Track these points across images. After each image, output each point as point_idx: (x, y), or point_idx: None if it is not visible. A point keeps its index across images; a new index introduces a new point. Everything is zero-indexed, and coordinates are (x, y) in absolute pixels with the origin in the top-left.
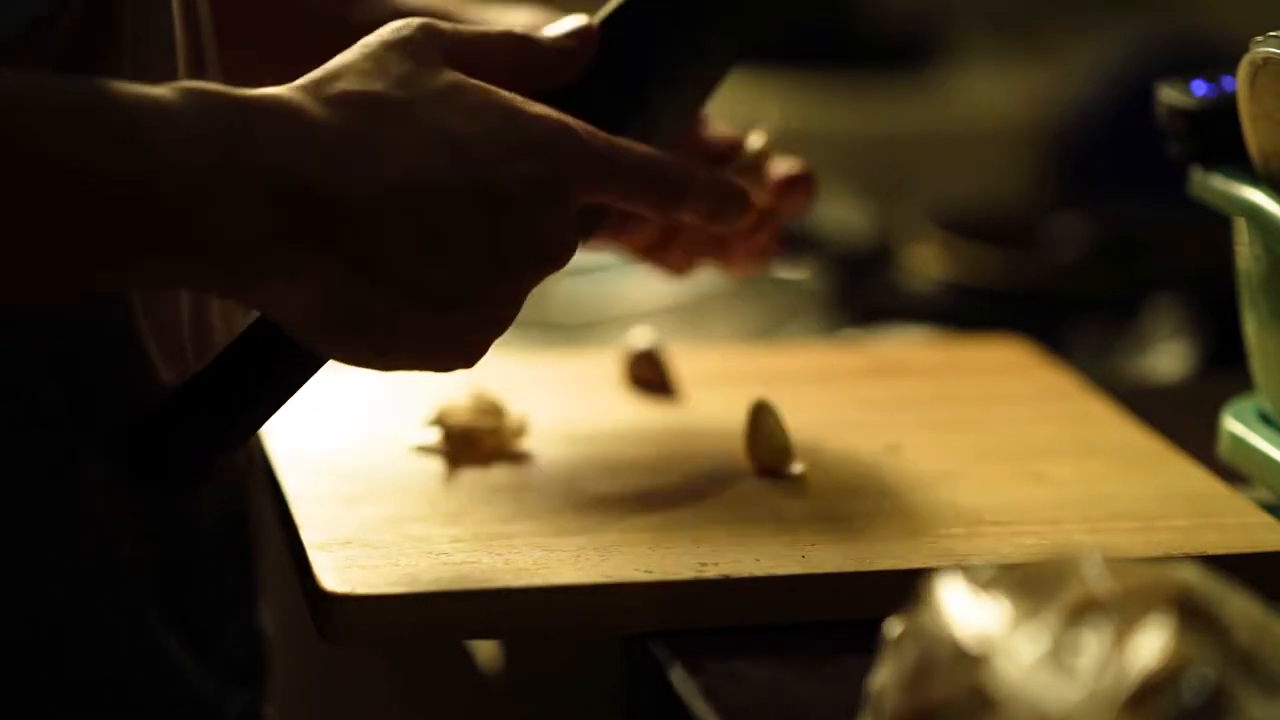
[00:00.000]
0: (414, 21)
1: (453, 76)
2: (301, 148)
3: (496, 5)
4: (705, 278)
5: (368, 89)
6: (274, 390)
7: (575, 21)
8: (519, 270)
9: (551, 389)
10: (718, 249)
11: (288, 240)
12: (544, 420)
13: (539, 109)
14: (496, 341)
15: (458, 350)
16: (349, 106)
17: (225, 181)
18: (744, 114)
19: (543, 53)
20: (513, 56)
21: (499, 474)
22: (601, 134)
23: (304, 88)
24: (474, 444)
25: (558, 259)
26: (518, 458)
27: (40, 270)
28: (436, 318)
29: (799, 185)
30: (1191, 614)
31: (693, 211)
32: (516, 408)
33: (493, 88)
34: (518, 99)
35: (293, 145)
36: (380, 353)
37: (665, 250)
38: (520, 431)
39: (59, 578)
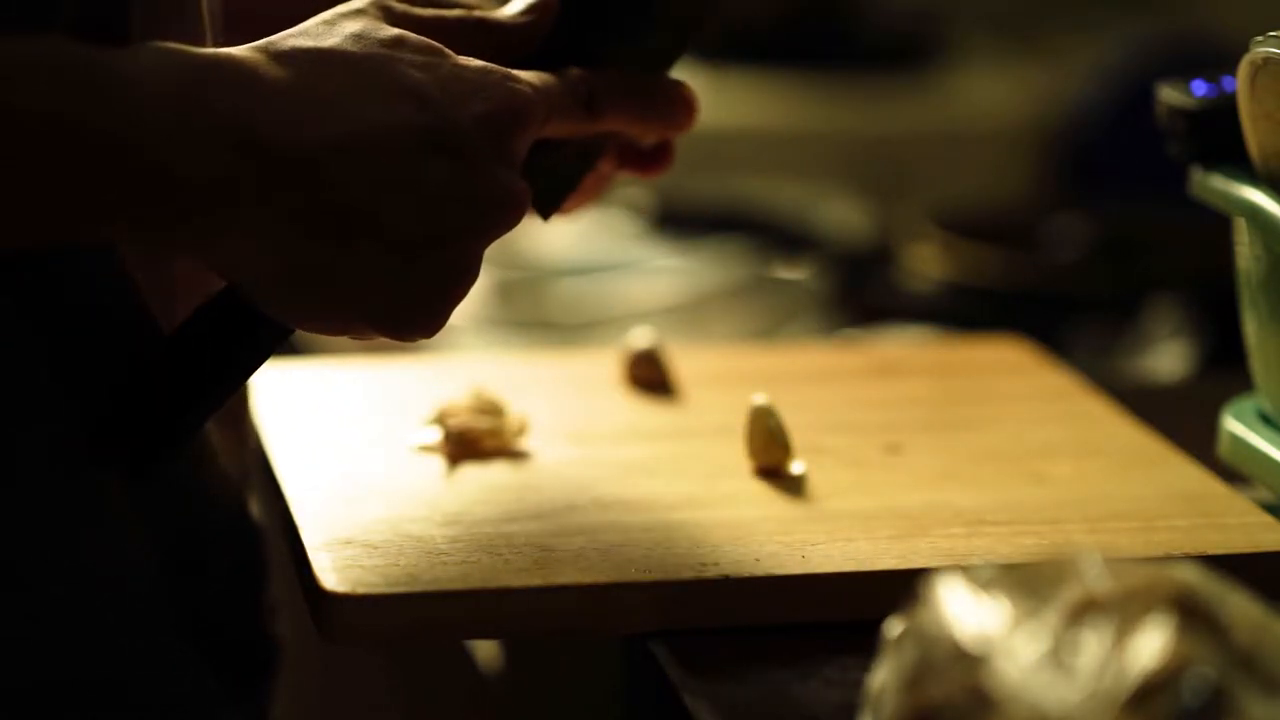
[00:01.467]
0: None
1: (398, 31)
2: (253, 100)
3: None
4: (705, 277)
5: (318, 45)
6: (243, 359)
7: None
8: (476, 216)
9: (551, 389)
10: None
11: (246, 191)
12: (544, 420)
13: (477, 62)
14: (497, 342)
15: (419, 309)
16: (299, 62)
17: (181, 130)
18: (741, 112)
19: (501, 33)
20: (470, 39)
21: (499, 474)
22: (531, 76)
23: (255, 47)
24: (474, 443)
25: (512, 205)
26: (518, 457)
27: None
28: (398, 266)
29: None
30: (1191, 614)
31: (628, 119)
32: (516, 407)
33: (434, 43)
34: (458, 56)
35: (244, 97)
36: (341, 311)
37: None
38: (521, 431)
39: (59, 577)
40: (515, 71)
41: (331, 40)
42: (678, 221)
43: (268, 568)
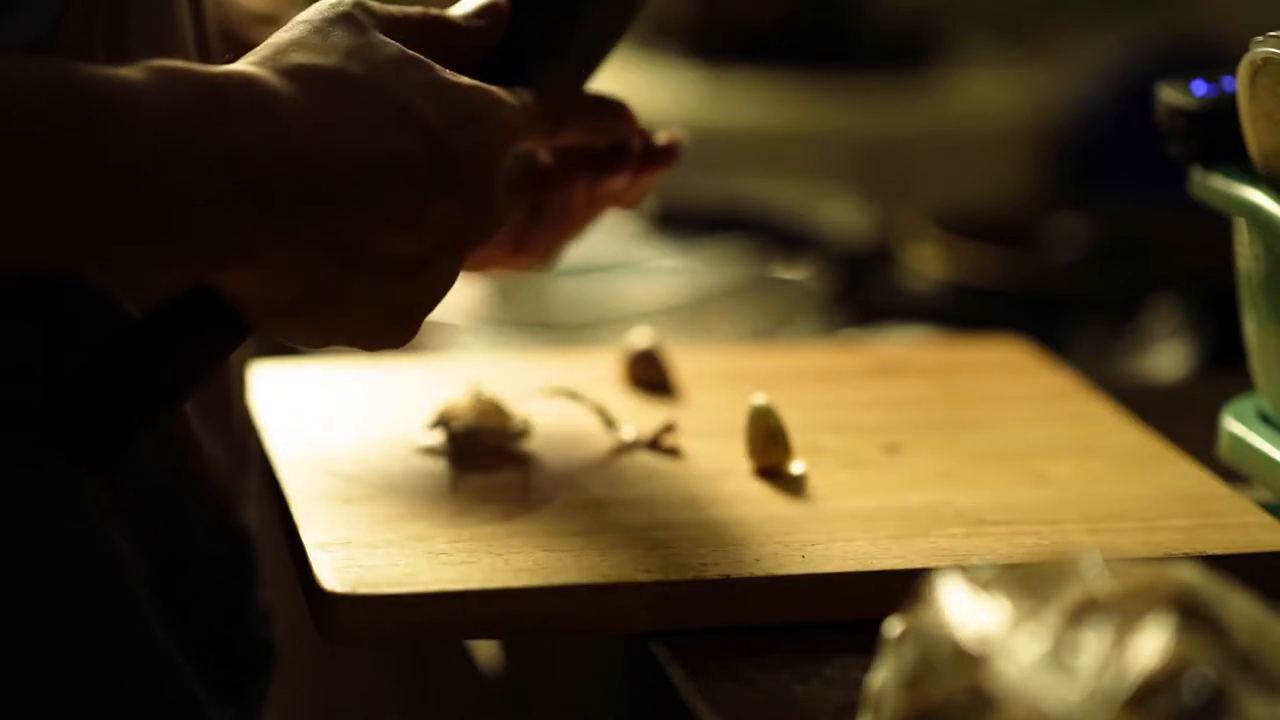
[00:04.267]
0: (344, 1)
1: (397, 48)
2: (268, 122)
3: None
4: (705, 277)
5: (324, 63)
6: (207, 358)
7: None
8: (465, 238)
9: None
10: (574, 225)
11: (250, 215)
12: (545, 420)
13: (468, 81)
14: (497, 342)
15: (400, 326)
16: (309, 81)
17: (191, 156)
18: (741, 112)
19: (457, 34)
20: (431, 37)
21: (499, 474)
22: (508, 92)
23: (261, 63)
24: (476, 444)
25: (495, 225)
26: (518, 458)
27: (4, 246)
28: (389, 291)
29: (667, 153)
30: (1191, 614)
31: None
32: (517, 408)
33: (424, 60)
34: (449, 72)
35: (259, 119)
36: (323, 330)
37: (525, 246)
38: (524, 432)
39: (54, 577)
40: (497, 91)
41: (335, 58)
42: (678, 221)
43: (257, 570)
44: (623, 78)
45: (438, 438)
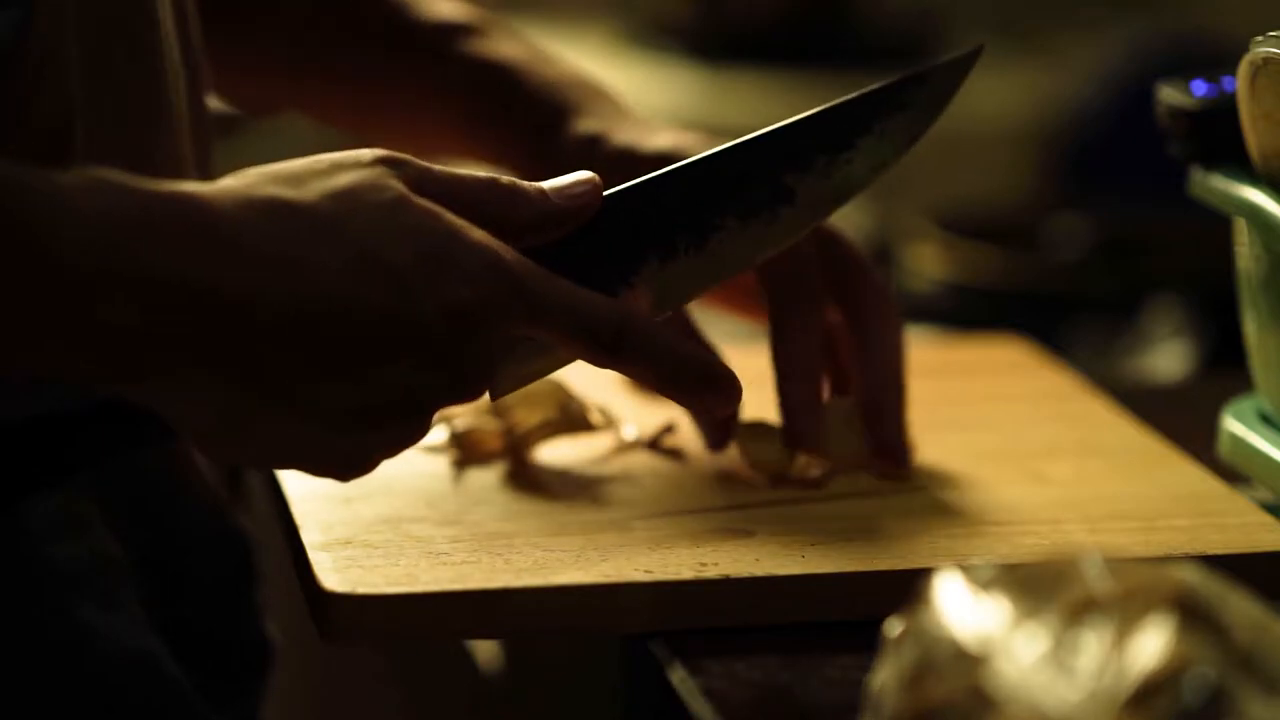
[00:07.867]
0: (378, 151)
1: (397, 193)
2: (208, 256)
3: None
4: None
5: (293, 198)
6: (115, 450)
7: (580, 179)
8: (426, 400)
9: None
10: None
11: (175, 342)
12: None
13: (478, 236)
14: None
15: (344, 467)
16: (275, 219)
17: (121, 282)
18: (742, 112)
19: (531, 208)
20: (495, 206)
21: (499, 474)
22: (536, 271)
23: (233, 191)
24: (476, 444)
25: (471, 391)
26: (518, 458)
27: None
28: (325, 438)
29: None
30: (1191, 614)
31: (636, 372)
32: (518, 407)
33: (437, 209)
34: (459, 223)
35: (199, 253)
36: (246, 456)
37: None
38: (525, 432)
39: (43, 581)
40: (527, 267)
41: (315, 194)
42: None
43: (255, 571)
44: (623, 78)
45: (438, 437)
